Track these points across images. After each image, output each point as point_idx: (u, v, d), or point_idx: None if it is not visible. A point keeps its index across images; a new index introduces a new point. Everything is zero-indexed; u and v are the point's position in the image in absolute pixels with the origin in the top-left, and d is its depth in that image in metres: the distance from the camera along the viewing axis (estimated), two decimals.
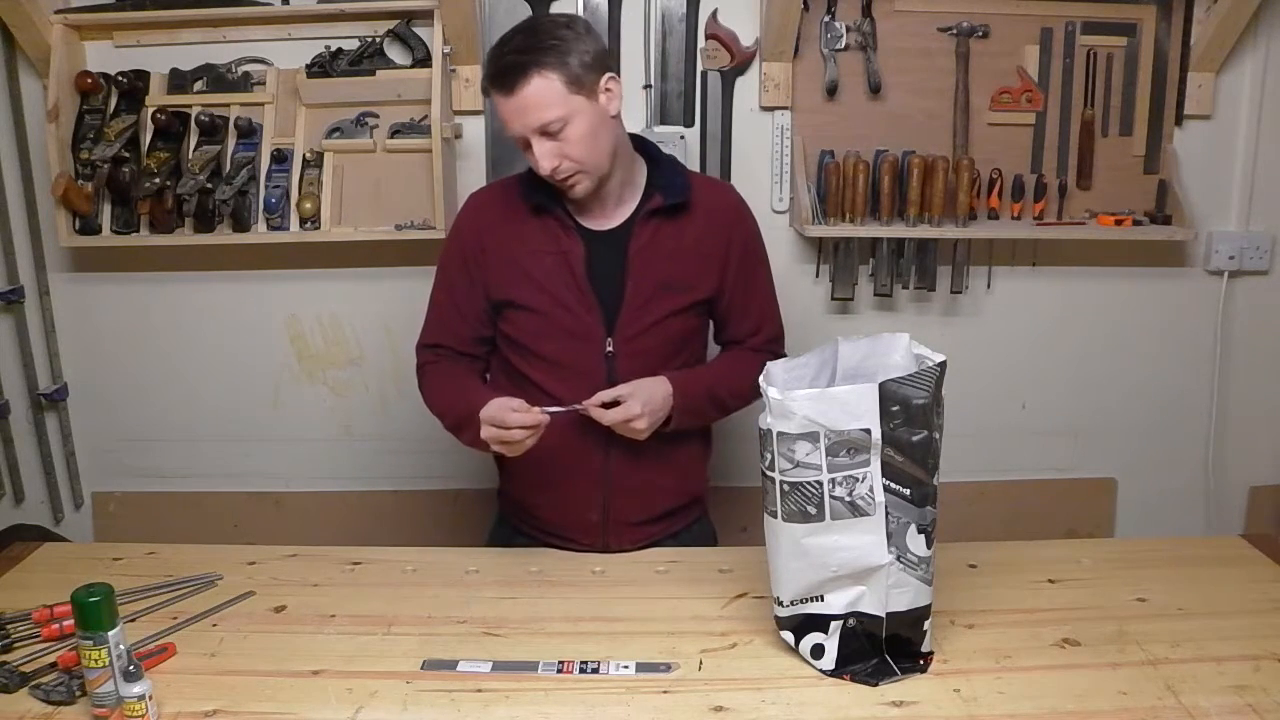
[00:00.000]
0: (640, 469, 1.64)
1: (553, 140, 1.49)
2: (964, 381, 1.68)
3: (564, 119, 1.47)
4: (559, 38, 1.48)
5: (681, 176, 1.65)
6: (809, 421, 1.21)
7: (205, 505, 2.46)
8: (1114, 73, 2.27)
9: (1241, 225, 2.37)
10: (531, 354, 1.64)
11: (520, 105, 1.47)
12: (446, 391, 1.66)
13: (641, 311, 1.61)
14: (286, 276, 2.34)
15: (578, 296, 1.60)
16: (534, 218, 1.62)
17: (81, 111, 2.17)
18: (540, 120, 1.47)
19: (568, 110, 1.47)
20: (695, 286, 1.64)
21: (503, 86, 1.47)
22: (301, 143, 2.20)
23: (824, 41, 2.21)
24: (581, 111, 1.49)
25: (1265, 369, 2.46)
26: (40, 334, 2.37)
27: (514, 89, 1.46)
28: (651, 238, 1.61)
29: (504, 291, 1.63)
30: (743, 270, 1.67)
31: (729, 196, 1.71)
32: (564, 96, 1.47)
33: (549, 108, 1.47)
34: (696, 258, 1.63)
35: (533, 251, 1.61)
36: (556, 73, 1.46)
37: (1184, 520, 2.52)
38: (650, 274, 1.61)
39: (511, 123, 1.50)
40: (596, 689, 1.27)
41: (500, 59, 1.48)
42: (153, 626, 1.40)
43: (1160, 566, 1.57)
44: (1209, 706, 1.20)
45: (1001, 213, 2.28)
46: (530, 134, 1.49)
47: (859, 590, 1.28)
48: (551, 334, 1.62)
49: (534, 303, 1.61)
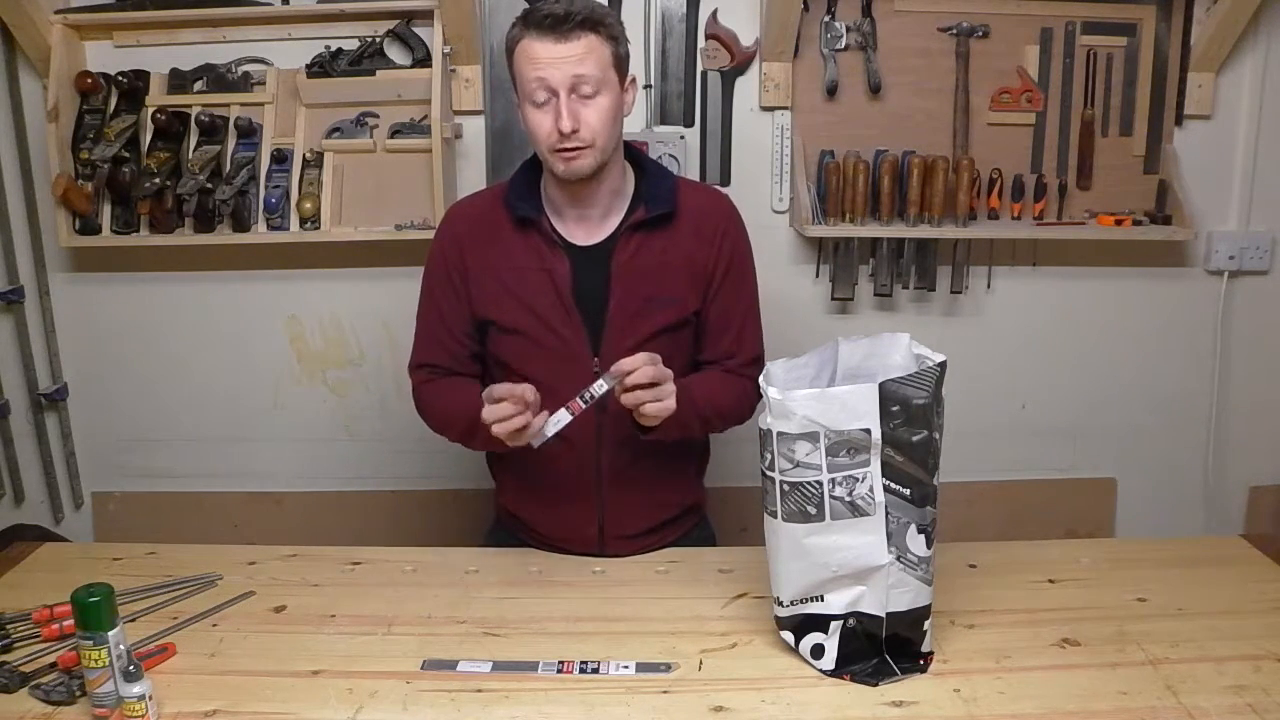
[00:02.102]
0: (636, 484, 1.62)
1: (580, 101, 1.46)
2: (964, 381, 1.68)
3: (599, 85, 1.46)
4: (613, 17, 1.50)
5: (668, 183, 1.61)
6: (809, 421, 1.21)
7: (205, 505, 2.46)
8: (1114, 73, 2.27)
9: (1241, 225, 2.37)
10: (517, 375, 1.58)
11: (568, 53, 1.44)
12: (447, 403, 1.63)
13: (627, 328, 1.57)
14: (286, 276, 2.35)
15: (563, 316, 1.57)
16: (518, 232, 1.58)
17: (81, 111, 2.17)
18: (582, 72, 1.45)
19: (605, 79, 1.47)
20: (683, 300, 1.60)
21: (554, 31, 1.44)
22: (301, 143, 2.20)
23: (824, 41, 2.21)
24: (612, 88, 1.49)
25: (1265, 369, 2.46)
26: (40, 334, 2.37)
27: (568, 37, 1.44)
28: (636, 252, 1.57)
29: (487, 310, 1.60)
30: (726, 284, 1.62)
31: (718, 205, 1.66)
32: (606, 66, 1.47)
33: (595, 66, 1.45)
34: (683, 270, 1.59)
35: (517, 268, 1.58)
36: (608, 43, 1.47)
37: (1184, 520, 2.52)
38: (636, 290, 1.57)
39: (548, 69, 1.44)
40: (596, 689, 1.27)
41: (555, 7, 1.45)
42: (153, 626, 1.40)
43: (1160, 566, 1.57)
44: (1209, 706, 1.20)
45: (1001, 213, 2.28)
46: (562, 86, 1.45)
47: (859, 590, 1.28)
48: (537, 354, 1.58)
49: (518, 323, 1.58)
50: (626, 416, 1.56)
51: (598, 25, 1.46)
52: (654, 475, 1.64)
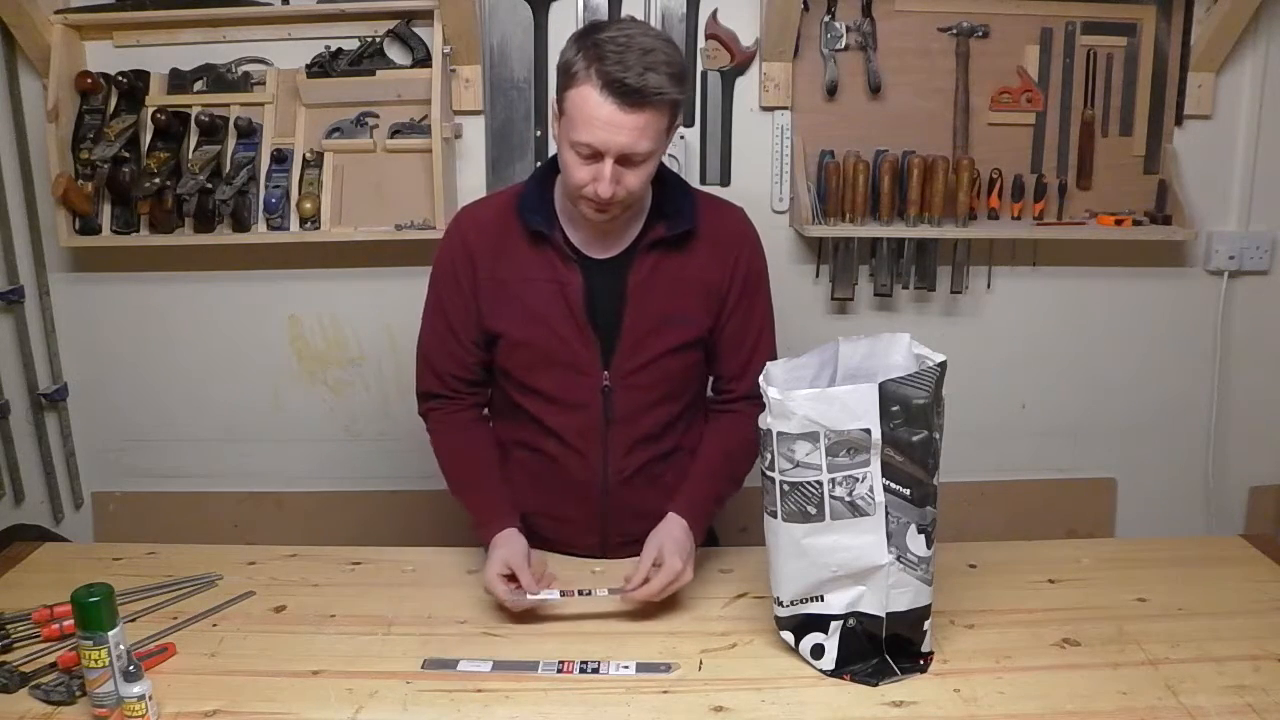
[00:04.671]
0: (638, 494, 1.61)
1: (624, 167, 1.39)
2: (964, 381, 1.67)
3: (650, 153, 1.40)
4: (682, 68, 1.39)
5: (688, 200, 1.55)
6: (809, 421, 1.21)
7: (205, 505, 2.46)
8: (1114, 73, 2.27)
9: (1241, 225, 2.37)
10: (526, 387, 1.58)
11: (629, 124, 1.35)
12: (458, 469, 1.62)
13: (640, 346, 1.54)
14: (286, 276, 2.34)
15: (574, 329, 1.53)
16: (530, 243, 1.53)
17: (81, 111, 2.17)
18: (635, 148, 1.37)
19: (657, 147, 1.40)
20: (697, 320, 1.56)
21: (625, 97, 1.33)
22: (301, 143, 2.20)
23: (824, 41, 2.21)
24: (661, 150, 1.43)
25: (1265, 369, 2.46)
26: (40, 334, 2.37)
27: (637, 107, 1.34)
28: (652, 270, 1.53)
29: (496, 321, 1.55)
30: (741, 303, 1.58)
31: (737, 225, 1.60)
32: (662, 133, 1.40)
33: (651, 140, 1.38)
34: (699, 290, 1.55)
35: (528, 279, 1.53)
36: (670, 110, 1.39)
37: (1184, 520, 2.52)
38: (650, 308, 1.53)
39: (606, 135, 1.35)
40: (596, 689, 1.27)
41: (629, 67, 1.33)
42: (153, 626, 1.40)
43: (1160, 566, 1.57)
44: (1209, 706, 1.20)
45: (1001, 213, 2.28)
46: (612, 153, 1.37)
47: (859, 590, 1.28)
48: (547, 366, 1.55)
49: (528, 336, 1.54)
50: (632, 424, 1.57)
51: (670, 96, 1.36)
52: (658, 482, 1.62)
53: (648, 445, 1.60)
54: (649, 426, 1.59)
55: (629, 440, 1.59)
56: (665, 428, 1.61)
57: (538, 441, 1.61)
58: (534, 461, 1.63)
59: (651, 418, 1.59)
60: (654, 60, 1.34)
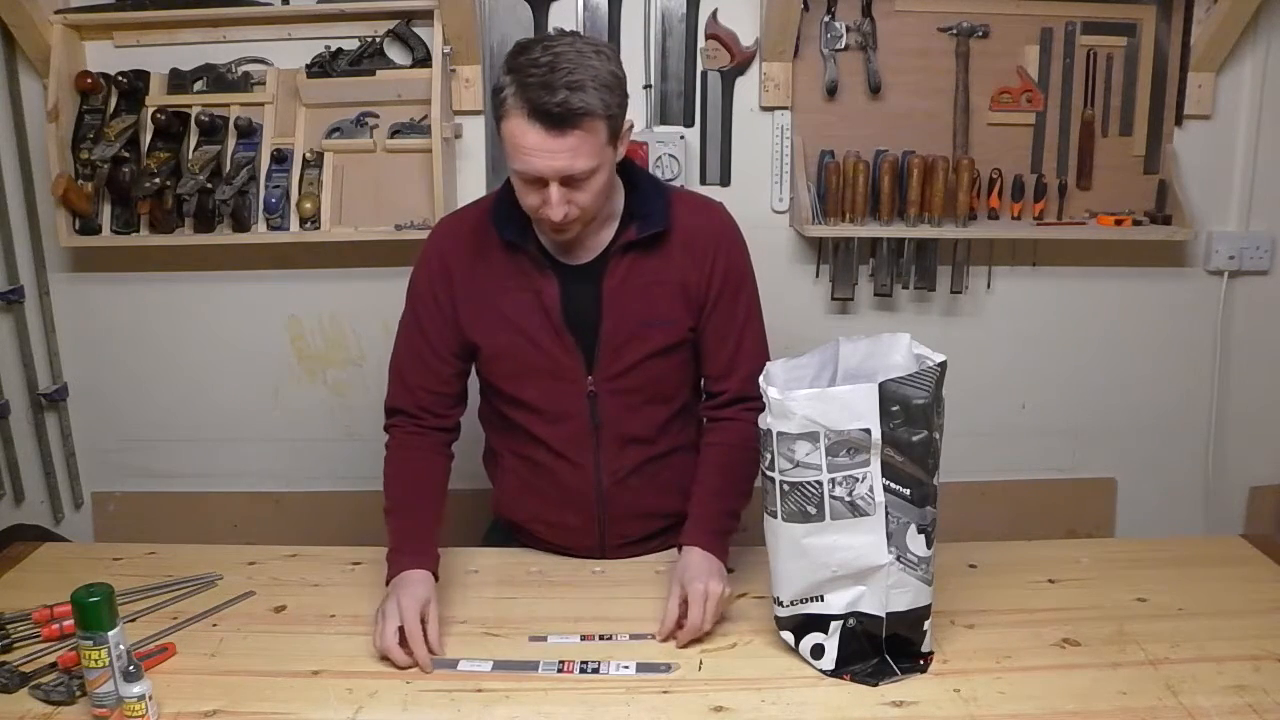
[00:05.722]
0: (635, 496, 1.61)
1: (570, 188, 1.37)
2: (964, 381, 1.68)
3: (593, 170, 1.36)
4: (613, 78, 1.35)
5: (661, 200, 1.52)
6: (809, 421, 1.21)
7: (205, 505, 2.46)
8: (1114, 73, 2.27)
9: (1241, 225, 2.37)
10: (512, 399, 1.57)
11: (560, 148, 1.33)
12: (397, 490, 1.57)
13: (621, 350, 1.52)
14: (286, 276, 2.34)
15: (553, 337, 1.51)
16: (506, 251, 1.51)
17: (81, 111, 2.17)
18: (574, 169, 1.35)
19: (599, 162, 1.37)
20: (677, 321, 1.53)
21: (550, 122, 1.31)
22: (301, 143, 2.20)
23: (824, 41, 2.21)
24: (607, 163, 1.40)
25: (1265, 369, 2.46)
26: (40, 334, 2.37)
27: (564, 130, 1.31)
28: (627, 273, 1.50)
29: (474, 331, 1.54)
30: (721, 300, 1.54)
31: (712, 219, 1.57)
32: (601, 147, 1.36)
33: (588, 158, 1.35)
34: (676, 291, 1.52)
35: (505, 288, 1.52)
36: (604, 124, 1.35)
37: (1184, 520, 2.52)
38: (627, 312, 1.51)
39: (539, 161, 1.34)
40: (596, 689, 1.27)
41: (552, 89, 1.30)
42: (153, 626, 1.41)
43: (1160, 566, 1.57)
44: (1209, 706, 1.21)
45: (1001, 213, 2.28)
46: (553, 178, 1.35)
47: (859, 590, 1.28)
48: (529, 375, 1.54)
49: (507, 344, 1.53)
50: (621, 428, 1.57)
51: (593, 111, 1.32)
52: (654, 484, 1.62)
53: (640, 448, 1.60)
54: (639, 430, 1.59)
55: (620, 444, 1.58)
56: (658, 430, 1.60)
57: (529, 450, 1.61)
58: (527, 469, 1.63)
59: (640, 421, 1.58)
60: (577, 79, 1.31)
